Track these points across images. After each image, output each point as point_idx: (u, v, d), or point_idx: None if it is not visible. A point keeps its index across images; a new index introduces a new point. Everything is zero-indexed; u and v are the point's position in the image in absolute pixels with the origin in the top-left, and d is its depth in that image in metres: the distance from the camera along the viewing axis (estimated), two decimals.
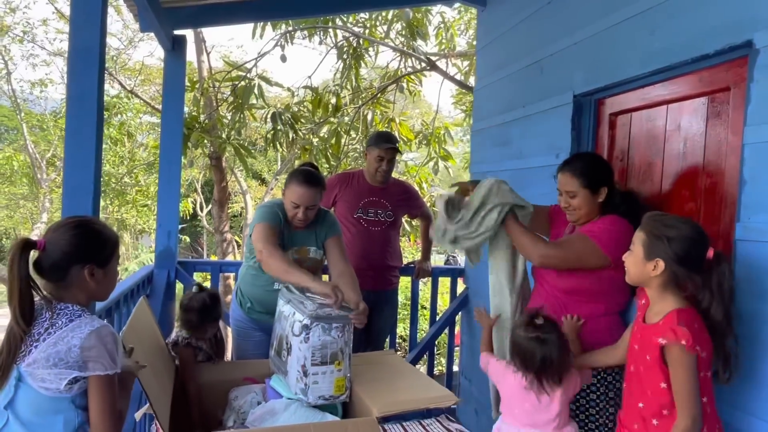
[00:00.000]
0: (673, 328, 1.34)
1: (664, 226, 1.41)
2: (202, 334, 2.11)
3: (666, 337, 1.34)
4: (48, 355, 1.18)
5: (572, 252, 1.78)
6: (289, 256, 2.21)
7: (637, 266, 1.45)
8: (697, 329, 1.36)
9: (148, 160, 10.75)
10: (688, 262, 1.38)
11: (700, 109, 1.77)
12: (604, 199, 1.82)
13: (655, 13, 1.85)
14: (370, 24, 5.52)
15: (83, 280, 1.28)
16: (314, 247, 2.32)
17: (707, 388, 1.40)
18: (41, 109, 12.26)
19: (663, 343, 1.35)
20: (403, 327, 6.53)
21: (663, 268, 1.39)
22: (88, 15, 1.72)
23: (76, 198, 1.72)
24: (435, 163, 5.72)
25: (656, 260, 1.39)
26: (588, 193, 1.80)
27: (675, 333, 1.33)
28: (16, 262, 1.20)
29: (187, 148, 4.68)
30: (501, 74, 2.97)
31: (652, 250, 1.40)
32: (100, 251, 1.31)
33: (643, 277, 1.45)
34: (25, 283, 1.21)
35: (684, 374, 1.33)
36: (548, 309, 1.81)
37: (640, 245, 1.44)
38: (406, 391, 1.86)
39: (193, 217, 12.56)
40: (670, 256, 1.38)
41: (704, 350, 1.36)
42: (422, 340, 3.45)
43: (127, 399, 1.37)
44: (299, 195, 2.17)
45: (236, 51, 18.08)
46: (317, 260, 2.34)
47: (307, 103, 5.50)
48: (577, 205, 1.83)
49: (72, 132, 1.73)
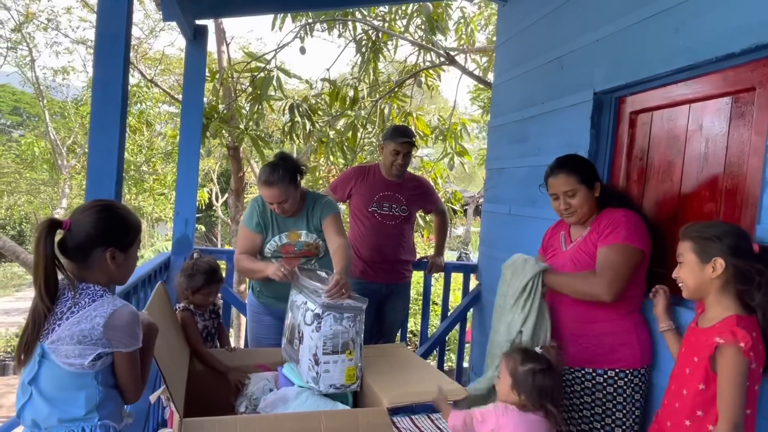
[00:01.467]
0: (733, 330, 1.30)
1: (707, 228, 1.41)
2: (206, 299, 2.19)
3: (724, 337, 1.31)
4: (72, 333, 1.22)
5: (624, 265, 1.73)
6: (281, 240, 2.34)
7: (694, 274, 1.42)
8: (755, 338, 1.32)
9: (166, 149, 10.88)
10: (744, 253, 1.36)
11: (724, 109, 1.75)
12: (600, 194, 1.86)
13: (680, 11, 1.82)
14: (389, 18, 5.50)
15: (104, 262, 1.31)
16: (305, 231, 2.37)
17: (752, 402, 1.36)
18: (63, 97, 12.47)
19: (720, 342, 1.31)
20: (415, 322, 6.55)
21: (724, 266, 1.36)
22: (114, 4, 1.74)
23: (99, 182, 1.76)
24: (450, 158, 5.70)
25: (714, 260, 1.38)
26: (586, 189, 1.84)
27: (734, 334, 1.29)
28: (42, 241, 1.23)
29: (205, 138, 4.73)
30: (520, 70, 2.95)
31: (707, 252, 1.39)
32: (123, 236, 1.34)
33: (702, 284, 1.41)
34: (50, 261, 1.25)
35: (734, 378, 1.29)
36: (568, 320, 1.83)
37: (691, 253, 1.42)
38: (416, 384, 1.87)
39: (208, 207, 12.69)
40: (727, 251, 1.36)
41: (756, 361, 1.33)
42: (433, 335, 3.46)
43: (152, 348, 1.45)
44: (264, 195, 2.28)
45: (256, 43, 18.18)
46: (310, 243, 2.38)
47: (325, 95, 5.52)
48: (578, 204, 1.84)
49: (96, 117, 1.76)
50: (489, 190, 3.33)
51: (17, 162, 12.57)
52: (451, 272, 3.53)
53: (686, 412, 1.40)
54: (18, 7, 9.88)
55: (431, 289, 3.63)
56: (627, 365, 1.77)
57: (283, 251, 2.37)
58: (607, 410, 1.78)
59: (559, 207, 1.89)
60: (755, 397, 1.37)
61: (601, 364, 1.79)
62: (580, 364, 1.83)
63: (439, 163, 6.02)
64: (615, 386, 1.77)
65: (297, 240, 2.36)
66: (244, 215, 2.42)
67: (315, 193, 2.48)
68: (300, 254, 2.38)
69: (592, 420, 1.81)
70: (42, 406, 1.24)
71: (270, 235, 2.35)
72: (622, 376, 1.77)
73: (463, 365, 3.70)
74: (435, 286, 6.93)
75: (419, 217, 5.23)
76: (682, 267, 1.46)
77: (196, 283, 2.15)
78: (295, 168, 2.27)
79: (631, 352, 1.77)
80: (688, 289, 1.46)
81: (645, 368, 1.79)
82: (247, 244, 2.35)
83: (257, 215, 2.35)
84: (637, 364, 1.77)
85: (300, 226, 2.36)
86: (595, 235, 1.83)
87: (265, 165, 2.28)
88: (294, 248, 2.36)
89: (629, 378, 1.77)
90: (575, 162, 1.90)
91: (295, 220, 2.36)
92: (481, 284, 3.42)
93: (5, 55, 10.86)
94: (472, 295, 3.42)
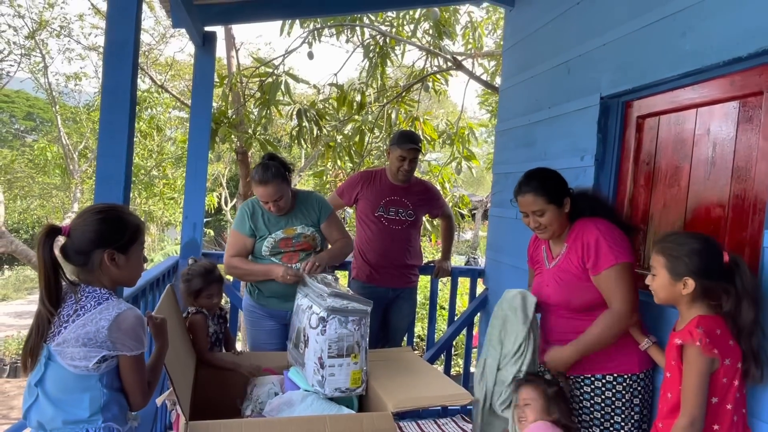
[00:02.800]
0: (691, 330, 1.41)
1: (680, 246, 1.48)
2: (210, 300, 2.21)
3: (682, 338, 1.42)
4: (77, 336, 1.23)
5: (627, 284, 1.72)
6: (279, 235, 2.40)
7: (666, 289, 1.50)
8: (718, 335, 1.40)
9: (176, 154, 10.97)
10: (713, 272, 1.44)
11: (731, 113, 1.74)
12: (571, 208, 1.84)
13: (686, 15, 1.81)
14: (397, 23, 5.52)
15: (104, 264, 1.32)
16: (300, 225, 2.42)
17: (731, 395, 1.40)
18: (75, 102, 12.62)
19: (678, 343, 1.42)
20: (421, 326, 6.53)
21: (693, 286, 1.44)
22: (123, 10, 1.77)
23: (107, 186, 1.78)
24: (458, 163, 5.70)
25: (684, 279, 1.45)
26: (555, 208, 1.82)
27: (691, 334, 1.40)
28: (42, 247, 1.26)
29: (214, 143, 4.76)
30: (527, 75, 2.95)
31: (678, 270, 1.46)
32: (120, 236, 1.35)
33: (673, 297, 1.50)
34: (50, 266, 1.27)
35: (692, 374, 1.38)
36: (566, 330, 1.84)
37: (663, 269, 1.49)
38: (421, 388, 1.87)
39: (217, 211, 12.78)
40: (696, 273, 1.44)
41: (728, 357, 1.38)
42: (440, 339, 3.45)
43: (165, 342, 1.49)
44: (260, 194, 2.31)
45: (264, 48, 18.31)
46: (308, 235, 2.43)
47: (333, 100, 5.54)
48: (547, 222, 1.83)
49: (106, 122, 1.79)
50: (496, 195, 3.32)
51: (30, 167, 12.74)
52: (457, 277, 3.53)
53: (674, 413, 1.45)
54: (32, 15, 10.05)
55: (438, 294, 3.62)
56: (625, 370, 1.76)
57: (282, 245, 2.39)
58: (606, 415, 1.78)
59: (530, 224, 1.89)
60: (734, 391, 1.41)
61: (600, 369, 1.78)
62: (579, 371, 1.82)
63: (446, 168, 6.02)
64: (613, 391, 1.76)
65: (294, 233, 2.42)
66: (235, 221, 2.48)
67: (302, 190, 2.59)
68: (298, 247, 2.41)
69: (591, 425, 1.80)
70: (47, 407, 1.26)
71: (267, 233, 2.40)
72: (620, 381, 1.76)
73: (470, 370, 3.68)
74: (442, 291, 6.90)
75: (426, 221, 5.23)
76: (656, 279, 1.53)
77: (195, 286, 2.18)
78: (284, 166, 2.36)
79: (629, 358, 1.76)
80: (660, 299, 1.54)
81: (644, 373, 1.77)
82: (239, 248, 2.42)
83: (248, 219, 2.41)
84: (635, 369, 1.76)
85: (293, 223, 2.42)
86: (574, 256, 1.81)
87: (257, 166, 2.34)
88: (292, 241, 2.40)
89: (627, 383, 1.76)
90: (543, 181, 1.84)
91: (287, 218, 2.42)
92: (488, 289, 3.41)
93: (19, 62, 11.02)
94: (479, 299, 3.41)
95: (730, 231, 1.72)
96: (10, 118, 18.90)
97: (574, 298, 1.81)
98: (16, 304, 13.88)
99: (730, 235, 1.72)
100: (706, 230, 1.80)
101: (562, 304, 1.86)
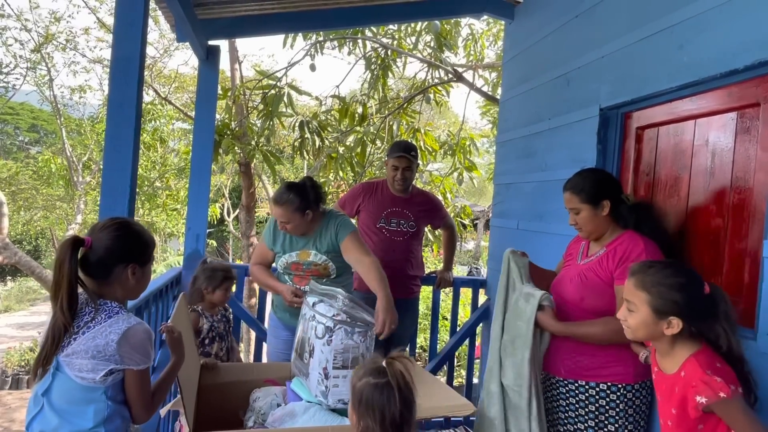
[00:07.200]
0: (704, 380, 1.25)
1: (665, 280, 1.34)
2: (225, 294, 2.39)
3: (703, 395, 1.25)
4: (87, 348, 1.24)
5: None
6: (292, 258, 2.42)
7: (647, 327, 1.36)
8: (720, 368, 1.29)
9: (179, 165, 11.02)
10: (700, 311, 1.33)
11: (729, 124, 1.75)
12: (613, 212, 1.81)
13: (684, 28, 1.84)
14: (398, 35, 5.58)
15: (125, 278, 1.35)
16: (314, 251, 2.39)
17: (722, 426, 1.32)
18: (79, 114, 12.71)
19: (704, 403, 1.25)
20: (424, 337, 6.51)
21: (681, 326, 1.32)
22: (129, 27, 1.81)
23: (113, 198, 1.80)
24: (460, 173, 5.72)
25: (669, 319, 1.33)
26: (590, 208, 1.81)
27: (710, 387, 1.24)
28: (68, 259, 1.26)
29: (217, 154, 4.80)
30: (527, 86, 2.98)
31: (663, 310, 1.33)
32: (143, 252, 1.39)
33: (654, 335, 1.38)
34: (75, 278, 1.28)
35: (745, 420, 1.23)
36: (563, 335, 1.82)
37: (646, 306, 1.35)
38: (424, 399, 1.86)
39: (220, 222, 12.81)
40: (686, 314, 1.32)
41: (735, 383, 1.28)
42: (442, 350, 3.45)
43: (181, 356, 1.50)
44: (274, 214, 2.35)
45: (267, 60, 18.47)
46: (318, 264, 2.40)
47: (335, 112, 5.59)
48: (582, 221, 1.84)
49: (111, 136, 1.82)
50: (497, 205, 3.34)
51: (34, 178, 12.81)
52: (459, 287, 3.53)
53: None
54: (38, 28, 10.16)
55: (440, 304, 3.62)
56: (620, 380, 1.76)
57: (293, 268, 2.41)
58: (600, 423, 1.77)
59: (570, 221, 1.90)
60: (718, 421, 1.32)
61: (595, 377, 1.78)
62: (574, 377, 1.83)
63: (448, 178, 6.04)
64: (607, 399, 1.76)
65: (306, 259, 2.40)
66: (264, 231, 2.55)
67: (333, 212, 2.44)
68: (308, 273, 2.41)
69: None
70: (52, 417, 1.27)
71: (282, 252, 2.42)
72: (614, 390, 1.76)
73: (473, 381, 3.67)
74: (444, 301, 6.89)
75: (428, 231, 5.24)
76: (633, 315, 1.39)
77: (217, 280, 2.36)
78: (307, 197, 2.27)
79: (625, 368, 1.76)
80: (636, 336, 1.43)
81: (640, 384, 1.76)
82: (261, 257, 2.53)
83: (271, 231, 2.45)
84: (630, 380, 1.75)
85: (310, 246, 2.40)
86: (610, 262, 1.78)
87: (284, 183, 2.36)
88: (302, 266, 2.41)
89: (621, 392, 1.75)
90: (583, 180, 1.85)
91: (306, 240, 2.40)
92: (490, 299, 3.41)
93: (25, 75, 11.14)
94: (481, 310, 3.41)
95: (730, 241, 1.73)
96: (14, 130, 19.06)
97: (588, 298, 1.80)
98: (19, 315, 13.88)
99: (729, 245, 1.73)
100: (706, 240, 1.81)
101: (573, 301, 1.84)
